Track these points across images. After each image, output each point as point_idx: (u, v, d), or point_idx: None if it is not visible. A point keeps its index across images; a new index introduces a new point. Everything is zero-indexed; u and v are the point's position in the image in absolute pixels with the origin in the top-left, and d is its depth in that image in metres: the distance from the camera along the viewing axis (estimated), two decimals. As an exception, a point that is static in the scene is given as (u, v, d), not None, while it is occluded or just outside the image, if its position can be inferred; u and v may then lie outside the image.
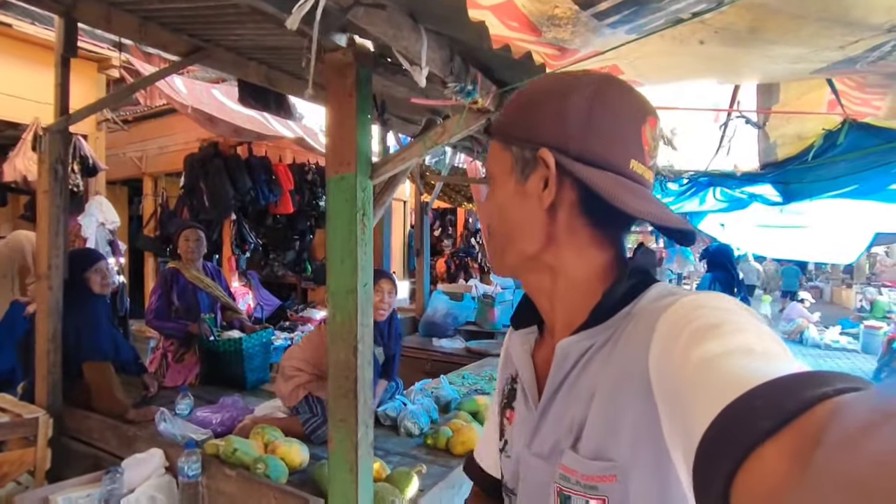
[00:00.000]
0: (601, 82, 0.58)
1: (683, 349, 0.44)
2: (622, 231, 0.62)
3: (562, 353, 0.59)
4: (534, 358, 0.67)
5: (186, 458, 1.83)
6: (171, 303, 3.21)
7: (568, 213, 0.58)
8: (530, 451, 0.63)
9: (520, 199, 0.60)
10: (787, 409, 0.30)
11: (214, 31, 2.41)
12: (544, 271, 0.62)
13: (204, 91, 4.71)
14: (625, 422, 0.51)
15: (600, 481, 0.52)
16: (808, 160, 1.98)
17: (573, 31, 0.79)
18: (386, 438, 2.38)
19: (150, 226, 6.03)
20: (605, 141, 0.56)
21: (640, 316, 0.54)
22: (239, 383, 3.11)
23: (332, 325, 1.48)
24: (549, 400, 0.61)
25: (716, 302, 0.49)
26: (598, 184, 0.54)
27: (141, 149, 5.97)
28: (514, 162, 0.60)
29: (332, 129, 1.46)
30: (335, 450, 1.49)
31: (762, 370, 0.36)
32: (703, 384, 0.39)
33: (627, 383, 0.51)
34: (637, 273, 0.59)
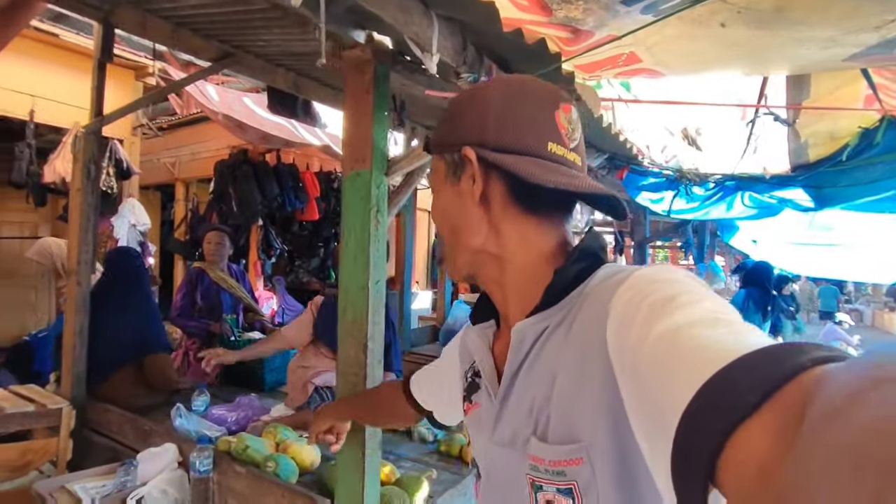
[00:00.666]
0: (511, 80, 0.64)
1: (643, 324, 0.44)
2: (562, 215, 0.65)
3: (518, 335, 0.60)
4: (493, 350, 0.69)
5: (198, 454, 1.83)
6: (194, 302, 3.27)
7: (501, 203, 0.62)
8: (493, 441, 0.64)
9: (457, 199, 0.64)
10: (770, 380, 0.29)
11: (243, 37, 2.47)
12: (492, 263, 0.64)
13: (235, 99, 4.84)
14: (587, 402, 0.51)
15: (567, 465, 0.52)
16: (842, 160, 1.87)
17: (585, 8, 0.77)
18: (398, 443, 2.35)
19: (180, 229, 6.18)
20: (519, 128, 0.60)
21: (593, 295, 0.55)
22: (257, 384, 3.14)
23: (343, 322, 1.47)
24: (509, 385, 0.62)
25: (668, 274, 0.50)
26: (514, 166, 0.58)
27: (174, 155, 6.15)
28: (447, 168, 0.65)
29: (348, 125, 1.46)
30: (343, 449, 1.46)
31: (735, 343, 0.35)
32: (674, 359, 0.38)
33: (587, 363, 0.51)
34: (587, 255, 0.61)
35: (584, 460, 0.51)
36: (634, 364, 0.44)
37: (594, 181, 0.62)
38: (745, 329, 0.39)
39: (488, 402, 0.67)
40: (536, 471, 0.55)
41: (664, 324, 0.42)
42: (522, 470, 0.57)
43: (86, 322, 2.52)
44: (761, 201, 2.37)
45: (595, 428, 0.50)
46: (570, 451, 0.52)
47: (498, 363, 0.67)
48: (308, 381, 2.59)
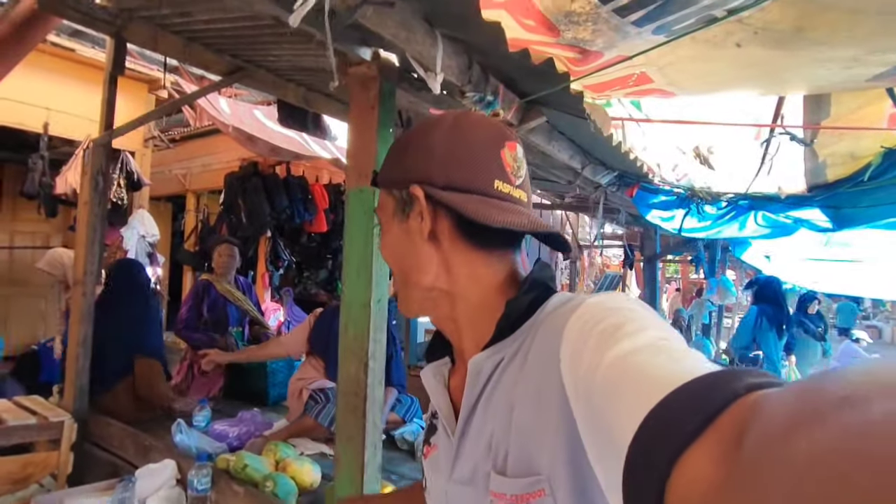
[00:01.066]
0: (458, 116, 0.65)
1: (594, 351, 0.44)
2: (510, 249, 0.65)
3: (474, 368, 0.60)
4: (449, 388, 0.69)
5: (196, 472, 1.80)
6: (200, 314, 3.27)
7: (449, 240, 0.63)
8: (452, 479, 0.63)
9: (405, 236, 0.64)
10: (708, 408, 0.30)
11: (254, 52, 2.49)
12: (443, 299, 0.64)
13: (246, 112, 4.88)
14: (545, 433, 0.51)
15: (530, 498, 0.52)
16: (864, 181, 1.82)
17: (594, 29, 0.74)
18: (401, 462, 2.31)
19: (190, 241, 6.22)
20: (465, 167, 0.61)
21: (546, 324, 0.55)
22: (261, 398, 3.11)
23: (345, 339, 1.44)
24: (466, 421, 0.61)
25: (617, 303, 0.50)
26: (462, 205, 0.59)
27: (185, 166, 6.21)
28: (395, 205, 0.65)
29: (353, 141, 1.45)
30: (341, 471, 1.43)
31: (676, 370, 0.36)
32: (621, 386, 0.39)
33: (543, 393, 0.51)
34: (537, 285, 0.61)
35: (545, 492, 0.51)
36: (588, 392, 0.44)
37: (538, 218, 0.64)
38: (687, 355, 0.40)
39: (446, 440, 0.65)
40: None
41: (613, 352, 0.42)
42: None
43: (89, 333, 2.52)
44: (776, 221, 2.31)
45: (554, 459, 0.50)
46: (531, 484, 0.52)
47: (454, 399, 0.67)
48: (304, 390, 2.59)
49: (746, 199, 2.24)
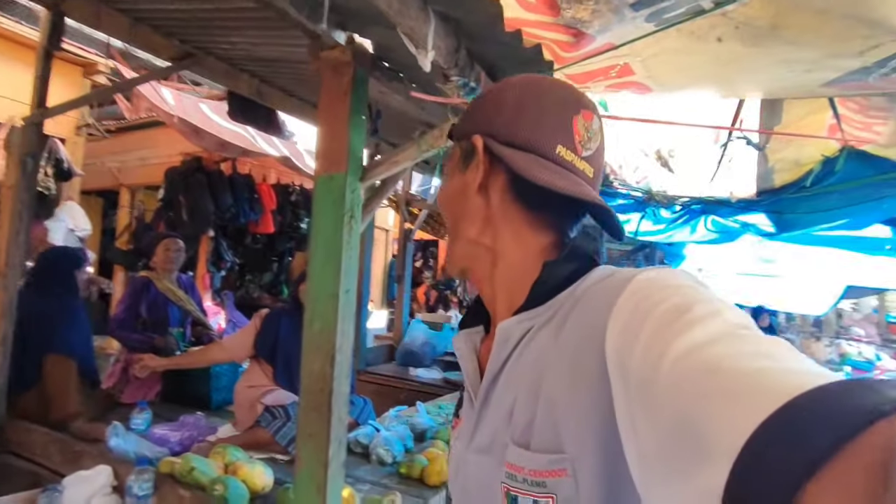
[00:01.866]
0: (537, 77, 0.64)
1: (654, 336, 0.40)
2: (563, 218, 0.63)
3: (503, 334, 0.58)
4: (479, 354, 0.67)
5: (137, 477, 1.67)
6: (138, 314, 3.05)
7: (500, 196, 0.61)
8: (470, 448, 0.60)
9: (461, 187, 0.64)
10: (843, 425, 0.26)
11: (207, 38, 2.37)
12: (486, 256, 0.63)
13: (192, 104, 4.66)
14: (575, 412, 0.48)
15: (549, 476, 0.49)
16: (805, 187, 1.98)
17: (594, 9, 0.77)
18: (356, 465, 2.24)
19: (122, 238, 5.83)
20: (530, 125, 0.59)
21: (587, 297, 0.53)
22: (203, 403, 2.94)
23: (309, 333, 1.39)
24: (490, 387, 0.59)
25: (676, 280, 0.47)
26: (513, 160, 0.57)
27: (120, 160, 5.84)
28: (460, 156, 0.65)
29: (324, 127, 1.41)
30: (302, 468, 1.37)
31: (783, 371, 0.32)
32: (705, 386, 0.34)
33: (579, 371, 0.48)
34: (578, 255, 0.60)
35: (567, 472, 0.48)
36: (645, 380, 0.39)
37: (591, 191, 0.60)
38: (784, 350, 0.35)
39: (469, 408, 0.63)
40: (514, 480, 0.52)
41: (684, 340, 0.38)
42: (497, 479, 0.54)
43: (10, 331, 2.29)
44: (724, 226, 2.47)
45: (583, 442, 0.47)
46: (553, 462, 0.49)
47: (483, 366, 0.64)
48: (257, 401, 2.46)
49: (700, 203, 2.38)
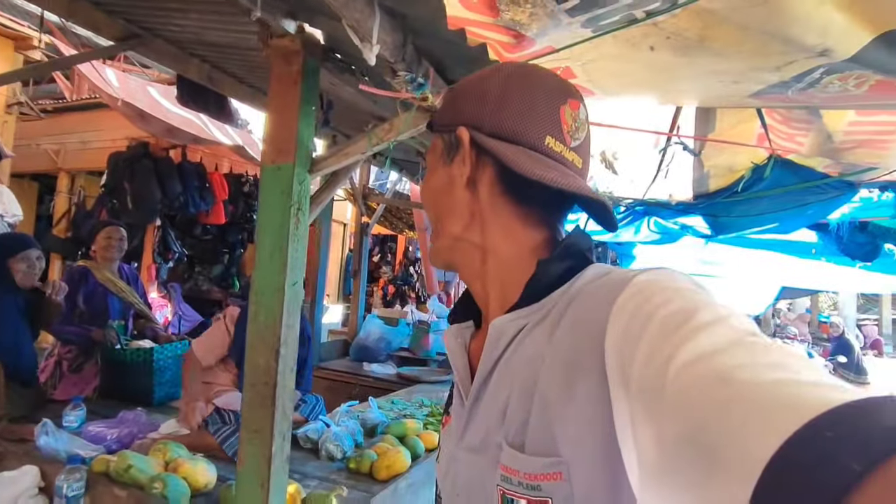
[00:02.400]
0: (521, 65, 0.62)
1: (658, 341, 0.39)
2: (553, 212, 0.61)
3: (496, 331, 0.57)
4: (469, 351, 0.65)
5: (67, 477, 1.60)
6: (75, 305, 2.90)
7: (488, 190, 0.60)
8: (461, 446, 0.59)
9: (446, 181, 0.62)
10: (876, 446, 0.25)
11: (154, 19, 2.27)
12: (474, 252, 0.62)
13: (139, 87, 4.45)
14: (572, 415, 0.46)
15: (544, 479, 0.48)
16: (737, 192, 2.10)
17: (531, 13, 0.78)
18: (305, 461, 2.21)
19: (61, 226, 5.52)
20: (518, 116, 0.57)
21: (582, 297, 0.52)
22: (145, 398, 2.82)
23: (254, 326, 1.36)
24: (482, 385, 0.58)
25: (677, 282, 0.46)
26: (503, 153, 0.56)
27: (59, 142, 5.50)
28: (443, 148, 0.63)
29: (272, 116, 1.38)
30: (246, 464, 1.34)
31: (800, 384, 0.31)
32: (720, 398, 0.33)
33: (576, 374, 0.47)
34: (574, 252, 0.58)
35: (563, 476, 0.47)
36: (649, 387, 0.38)
37: (584, 183, 0.59)
38: (798, 361, 0.34)
39: (460, 405, 0.62)
40: (509, 483, 0.50)
41: (692, 347, 0.37)
42: (493, 480, 0.52)
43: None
44: (665, 227, 2.59)
45: (578, 445, 0.46)
46: (548, 465, 0.48)
47: (473, 363, 0.63)
48: (208, 399, 2.37)
49: (643, 205, 2.48)
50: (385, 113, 1.81)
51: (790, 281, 5.59)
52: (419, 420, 2.72)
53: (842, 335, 7.81)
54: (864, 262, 2.64)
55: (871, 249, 2.54)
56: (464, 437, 0.59)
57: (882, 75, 0.91)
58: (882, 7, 0.76)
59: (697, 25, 0.80)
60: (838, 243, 2.53)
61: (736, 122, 1.83)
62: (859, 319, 11.42)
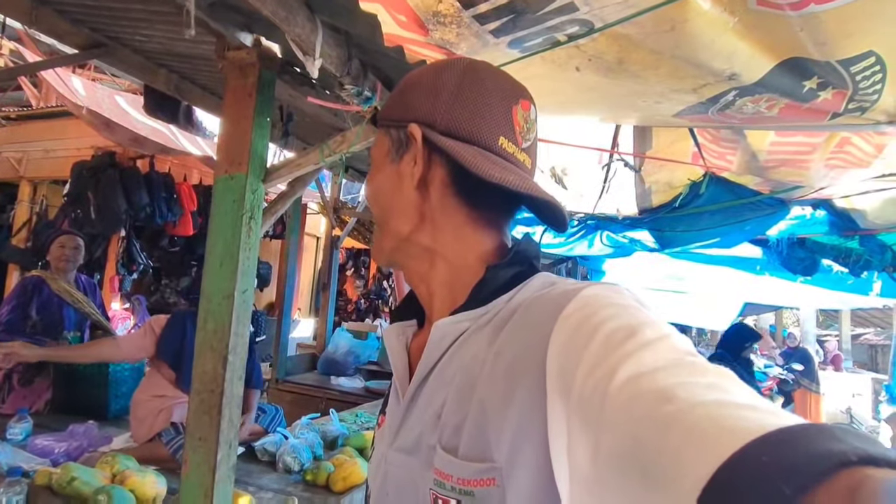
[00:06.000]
0: (473, 62, 0.60)
1: (601, 356, 0.39)
2: (503, 215, 0.61)
3: (438, 333, 0.56)
4: (410, 350, 0.64)
5: (6, 490, 1.55)
6: (27, 316, 2.82)
7: (440, 192, 0.58)
8: (394, 447, 0.58)
9: (394, 179, 0.59)
10: (806, 471, 0.25)
11: (120, 28, 2.27)
12: (422, 255, 0.60)
13: (106, 96, 4.40)
14: (508, 423, 0.46)
15: (477, 485, 0.47)
16: (676, 207, 2.20)
17: (458, 33, 0.83)
18: (261, 474, 2.19)
19: (20, 235, 5.36)
20: (472, 115, 0.56)
21: (528, 306, 0.51)
22: (100, 411, 2.76)
23: (203, 333, 1.36)
24: (419, 386, 0.57)
25: (622, 299, 0.46)
26: (460, 154, 0.54)
27: (21, 150, 5.38)
28: (390, 145, 0.60)
29: (226, 126, 1.40)
30: (189, 473, 1.33)
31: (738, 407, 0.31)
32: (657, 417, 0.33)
33: (515, 382, 0.47)
34: (521, 260, 0.57)
35: (496, 482, 0.46)
36: (587, 401, 0.38)
37: (538, 185, 0.58)
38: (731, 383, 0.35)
39: (395, 405, 0.60)
40: (442, 487, 0.49)
41: (634, 364, 0.37)
42: (425, 483, 0.51)
43: None
44: (617, 241, 2.68)
45: (514, 452, 0.45)
46: (482, 471, 0.47)
47: (413, 362, 0.62)
48: (159, 414, 2.34)
49: (594, 219, 2.57)
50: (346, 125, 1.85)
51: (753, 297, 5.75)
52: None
53: (798, 346, 8.08)
54: (805, 277, 2.78)
55: (811, 264, 2.68)
56: (397, 438, 0.58)
57: (788, 99, 0.99)
58: (778, 37, 0.83)
59: (615, 49, 0.86)
60: (780, 258, 2.66)
61: (671, 140, 1.93)
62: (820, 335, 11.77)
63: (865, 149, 1.59)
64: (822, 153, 1.63)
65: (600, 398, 0.37)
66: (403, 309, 0.67)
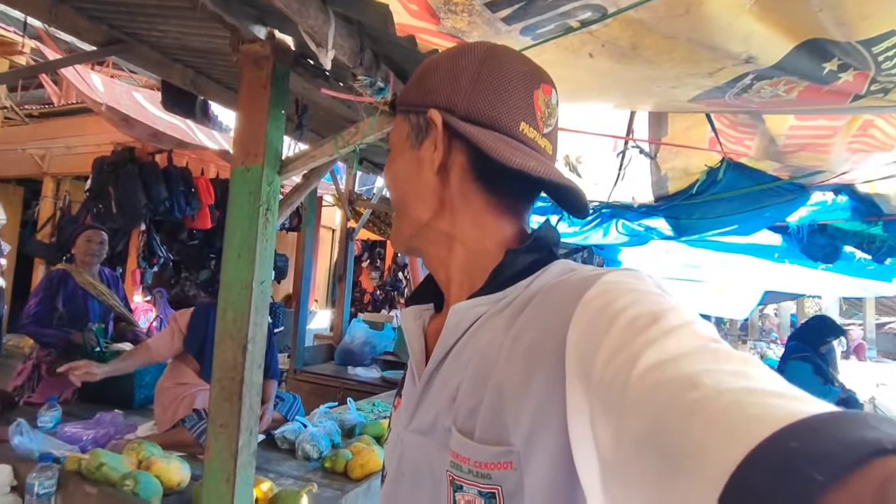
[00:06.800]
0: (493, 46, 0.59)
1: (623, 342, 0.39)
2: (523, 202, 0.60)
3: (455, 316, 0.56)
4: (427, 333, 0.64)
5: (38, 474, 1.61)
6: (54, 308, 2.90)
7: (460, 177, 0.58)
8: (409, 428, 0.58)
9: (414, 165, 0.59)
10: (840, 460, 0.24)
11: (136, 24, 2.30)
12: (441, 241, 0.60)
13: (124, 92, 4.48)
14: (526, 408, 0.46)
15: (494, 469, 0.47)
16: (693, 194, 2.17)
17: (470, 21, 0.83)
18: (281, 461, 2.24)
19: (45, 230, 5.50)
20: (493, 100, 0.55)
21: (547, 292, 0.51)
22: (125, 401, 2.83)
23: (222, 323, 1.39)
24: (435, 368, 0.57)
25: (643, 285, 0.45)
26: (480, 139, 0.53)
27: (44, 147, 5.50)
28: (409, 130, 0.60)
29: (242, 119, 1.42)
30: (212, 459, 1.37)
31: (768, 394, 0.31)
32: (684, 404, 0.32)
33: (533, 367, 0.46)
34: (541, 246, 0.57)
35: (513, 465, 0.46)
36: (611, 385, 0.38)
37: (559, 171, 0.57)
38: (758, 370, 0.34)
39: (411, 387, 0.61)
40: (459, 469, 0.50)
41: (658, 350, 0.36)
42: (442, 464, 0.52)
43: None
44: (632, 229, 2.66)
45: (532, 436, 0.45)
46: (499, 454, 0.47)
47: (429, 345, 0.62)
48: (183, 400, 2.40)
49: (609, 208, 2.55)
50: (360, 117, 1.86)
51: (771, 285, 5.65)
52: (398, 421, 2.74)
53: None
54: (826, 264, 2.72)
55: (832, 251, 2.62)
56: (413, 420, 0.58)
57: (808, 82, 0.97)
58: (798, 18, 0.81)
59: (628, 34, 0.85)
60: (800, 245, 2.60)
61: (687, 126, 1.90)
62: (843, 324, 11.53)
63: (889, 131, 1.55)
64: (843, 137, 1.59)
65: (622, 384, 0.36)
66: (421, 292, 0.67)
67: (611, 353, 0.39)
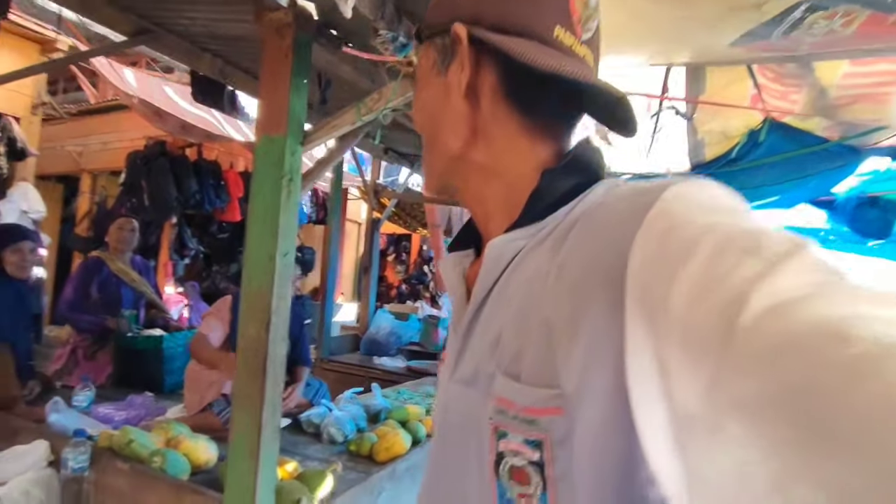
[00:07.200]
0: None
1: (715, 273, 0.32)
2: (562, 121, 0.54)
3: (493, 252, 0.51)
4: (468, 279, 0.58)
5: (73, 449, 1.63)
6: (88, 295, 2.98)
7: (490, 98, 0.52)
8: (453, 378, 0.53)
9: (441, 92, 0.54)
10: None
11: (165, 13, 2.32)
12: (476, 173, 0.55)
13: (155, 86, 4.57)
14: (577, 342, 0.40)
15: (541, 414, 0.42)
16: (732, 160, 2.03)
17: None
18: (307, 444, 2.23)
19: (83, 225, 5.68)
20: (523, 3, 0.50)
21: (597, 211, 0.45)
22: (156, 385, 2.88)
23: (247, 295, 1.38)
24: (476, 313, 0.52)
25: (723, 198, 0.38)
26: (512, 48, 0.47)
27: (81, 143, 5.69)
28: (436, 56, 0.55)
29: (265, 89, 1.41)
30: (236, 433, 1.36)
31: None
32: (839, 355, 0.26)
33: (585, 294, 0.40)
34: (582, 167, 0.51)
35: (564, 411, 0.40)
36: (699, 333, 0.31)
37: (603, 80, 0.50)
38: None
39: (454, 338, 0.56)
40: (503, 415, 0.44)
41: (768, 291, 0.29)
42: (485, 414, 0.46)
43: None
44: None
45: (584, 380, 0.39)
46: (547, 398, 0.41)
47: (471, 292, 0.56)
48: (212, 385, 2.43)
49: (641, 178, 2.42)
50: (382, 90, 1.84)
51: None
52: (423, 407, 2.71)
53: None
54: (877, 240, 2.50)
55: (883, 226, 2.38)
56: (456, 370, 0.53)
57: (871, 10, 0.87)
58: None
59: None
60: (846, 218, 2.39)
61: (727, 82, 1.76)
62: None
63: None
64: (909, 83, 1.41)
65: (725, 330, 0.29)
66: (461, 238, 0.62)
67: (695, 288, 0.32)
